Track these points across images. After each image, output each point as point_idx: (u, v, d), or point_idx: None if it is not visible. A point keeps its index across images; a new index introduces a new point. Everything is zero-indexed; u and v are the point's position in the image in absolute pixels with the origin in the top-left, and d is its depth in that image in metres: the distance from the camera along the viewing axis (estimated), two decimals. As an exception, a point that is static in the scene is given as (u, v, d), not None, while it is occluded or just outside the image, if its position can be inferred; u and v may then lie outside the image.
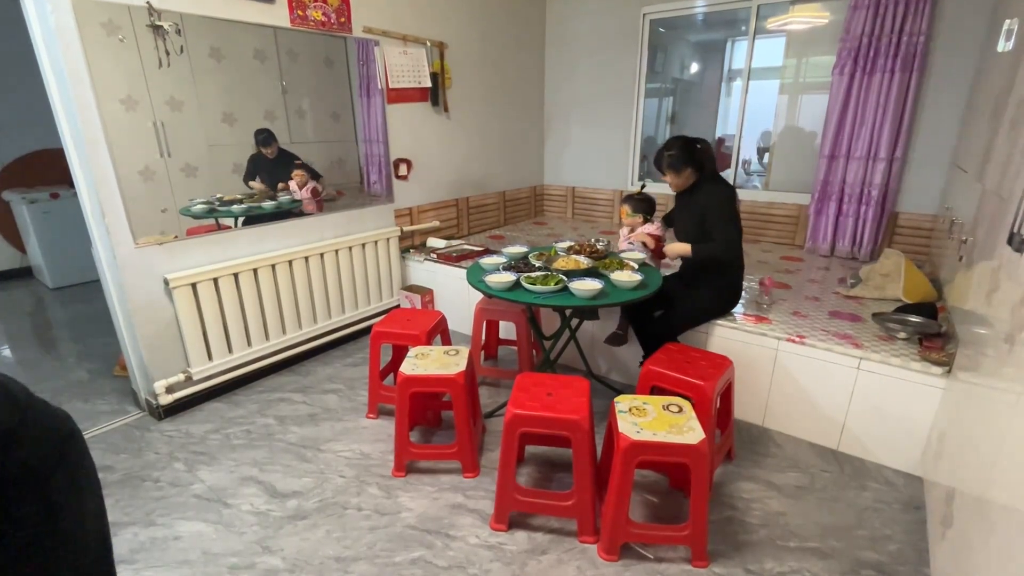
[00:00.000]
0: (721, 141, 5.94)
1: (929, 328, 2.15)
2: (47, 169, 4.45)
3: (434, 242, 3.64)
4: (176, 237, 2.37)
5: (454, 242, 3.67)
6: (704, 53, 5.86)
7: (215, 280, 2.47)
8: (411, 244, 3.63)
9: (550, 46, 4.63)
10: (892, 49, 3.13)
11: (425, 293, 3.38)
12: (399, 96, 3.30)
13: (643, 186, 2.56)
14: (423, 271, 3.47)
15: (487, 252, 3.38)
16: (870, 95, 3.25)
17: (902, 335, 2.15)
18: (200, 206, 2.50)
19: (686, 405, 1.67)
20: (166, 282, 2.31)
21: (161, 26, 2.17)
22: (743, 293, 2.44)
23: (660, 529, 1.70)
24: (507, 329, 2.97)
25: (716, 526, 1.78)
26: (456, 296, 3.29)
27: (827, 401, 2.17)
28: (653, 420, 1.60)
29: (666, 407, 1.66)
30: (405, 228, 3.50)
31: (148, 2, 2.11)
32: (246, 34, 2.53)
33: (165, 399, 2.38)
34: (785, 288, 2.85)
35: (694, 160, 2.21)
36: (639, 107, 4.36)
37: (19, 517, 0.72)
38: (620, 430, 1.55)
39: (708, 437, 1.76)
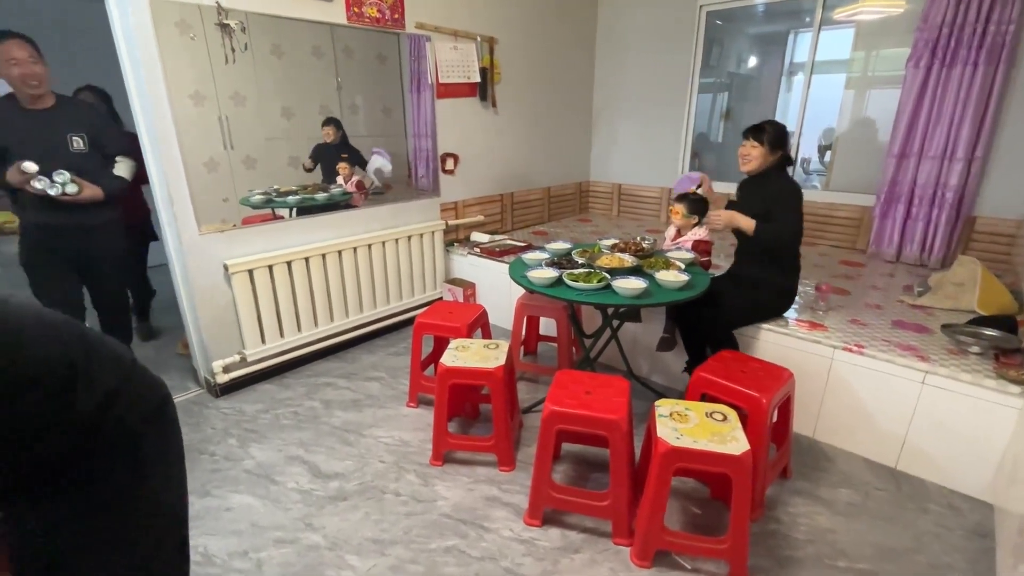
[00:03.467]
0: (779, 138, 5.66)
1: (1007, 343, 1.98)
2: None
3: (478, 236, 3.67)
4: (235, 225, 2.50)
5: (497, 237, 3.69)
6: (763, 46, 5.60)
7: (270, 267, 2.59)
8: (455, 238, 3.67)
9: (601, 40, 4.55)
10: (976, 40, 2.89)
11: (467, 287, 3.42)
12: (448, 91, 3.34)
13: (699, 186, 2.46)
14: (466, 265, 3.51)
15: (530, 248, 3.37)
16: (948, 89, 3.02)
17: (975, 349, 1.99)
18: (258, 196, 2.62)
19: (731, 414, 1.61)
20: (226, 268, 2.44)
21: (228, 24, 2.28)
22: (797, 298, 2.33)
23: (697, 540, 1.65)
24: (547, 325, 2.95)
25: (758, 538, 1.71)
26: (497, 290, 3.31)
27: (886, 416, 2.04)
28: (695, 427, 1.55)
29: (709, 415, 1.61)
30: (450, 222, 3.55)
31: (217, 1, 2.23)
32: (305, 31, 2.62)
33: (222, 378, 2.52)
34: (843, 294, 2.69)
35: (785, 147, 2.16)
36: (692, 103, 4.22)
37: (109, 474, 0.78)
38: (659, 435, 1.52)
39: (761, 452, 1.70)
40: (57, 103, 2.12)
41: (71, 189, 2.08)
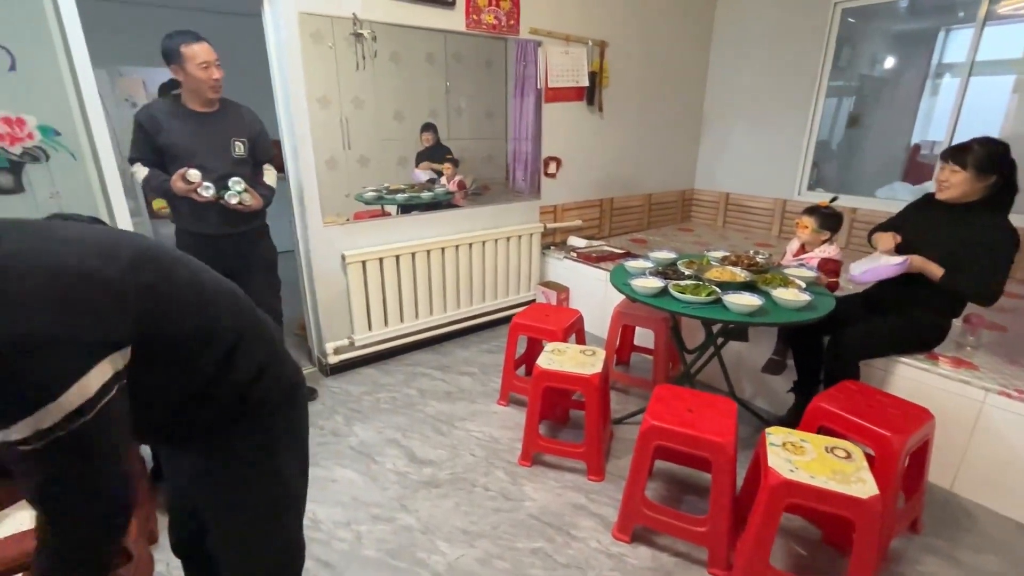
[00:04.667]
0: (917, 148, 5.04)
1: None
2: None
3: (575, 241, 3.65)
4: (348, 220, 2.69)
5: (595, 242, 3.64)
6: (904, 46, 5.01)
7: (380, 260, 2.76)
8: (552, 241, 3.68)
9: (717, 42, 4.33)
10: None
11: (561, 290, 3.41)
12: (556, 95, 3.36)
13: (834, 199, 2.25)
14: (561, 268, 3.51)
15: (628, 255, 3.30)
16: None
17: None
18: (371, 193, 2.81)
19: (856, 452, 1.46)
20: (343, 258, 2.64)
21: (362, 34, 2.47)
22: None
23: (807, 582, 1.51)
24: (642, 336, 2.86)
25: (879, 595, 1.53)
26: (591, 296, 3.27)
27: (1052, 477, 1.74)
28: (812, 461, 1.42)
29: (830, 449, 1.46)
30: (548, 225, 3.56)
31: (354, 13, 2.42)
32: (421, 39, 2.76)
33: (333, 359, 2.74)
34: (1000, 330, 2.33)
35: (1001, 171, 1.78)
36: (817, 107, 3.89)
37: (248, 440, 0.89)
38: (770, 464, 1.41)
39: (890, 499, 1.53)
40: (222, 106, 2.05)
41: (248, 199, 2.03)
